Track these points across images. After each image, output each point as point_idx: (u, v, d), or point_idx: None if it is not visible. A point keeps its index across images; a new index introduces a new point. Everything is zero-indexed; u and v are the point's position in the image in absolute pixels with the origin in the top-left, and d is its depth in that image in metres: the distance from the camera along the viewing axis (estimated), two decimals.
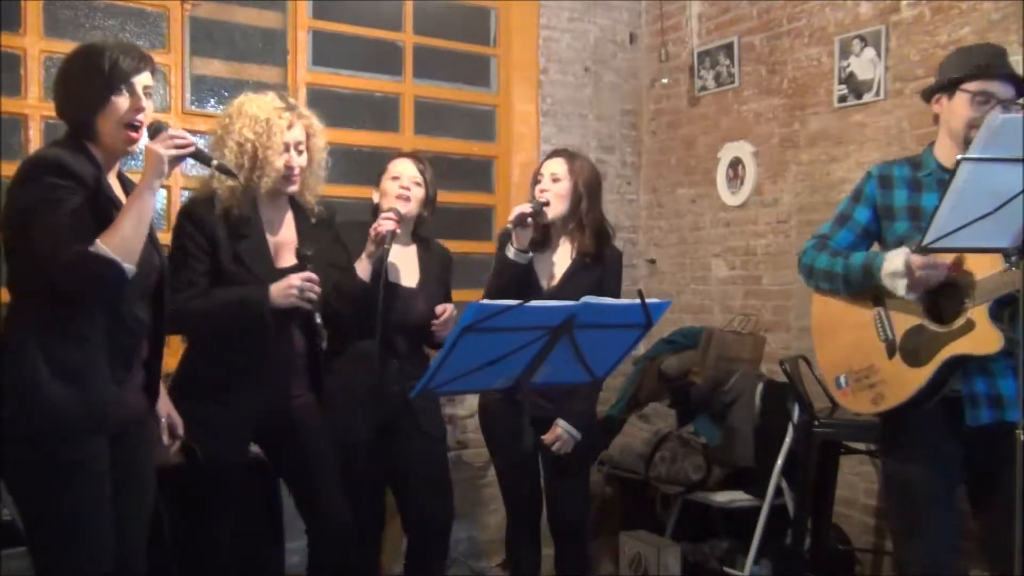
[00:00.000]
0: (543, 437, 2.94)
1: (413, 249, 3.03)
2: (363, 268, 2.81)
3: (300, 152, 2.64)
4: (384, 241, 2.77)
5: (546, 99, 4.65)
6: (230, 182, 2.50)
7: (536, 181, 3.08)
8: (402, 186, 2.93)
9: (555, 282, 3.03)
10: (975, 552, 2.75)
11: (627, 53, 4.91)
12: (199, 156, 2.29)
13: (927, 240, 2.07)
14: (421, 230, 3.08)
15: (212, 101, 3.92)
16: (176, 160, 2.15)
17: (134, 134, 2.14)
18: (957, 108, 2.39)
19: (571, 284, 2.95)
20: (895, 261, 2.32)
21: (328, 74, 4.17)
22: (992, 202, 1.98)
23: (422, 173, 2.97)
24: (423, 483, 2.98)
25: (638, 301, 2.16)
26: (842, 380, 2.52)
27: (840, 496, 3.65)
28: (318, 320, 2.55)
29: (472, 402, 4.27)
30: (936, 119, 2.48)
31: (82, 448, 2.06)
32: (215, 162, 2.37)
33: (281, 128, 2.58)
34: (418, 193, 2.95)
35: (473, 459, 4.35)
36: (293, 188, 2.66)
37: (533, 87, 4.61)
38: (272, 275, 2.58)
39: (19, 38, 3.47)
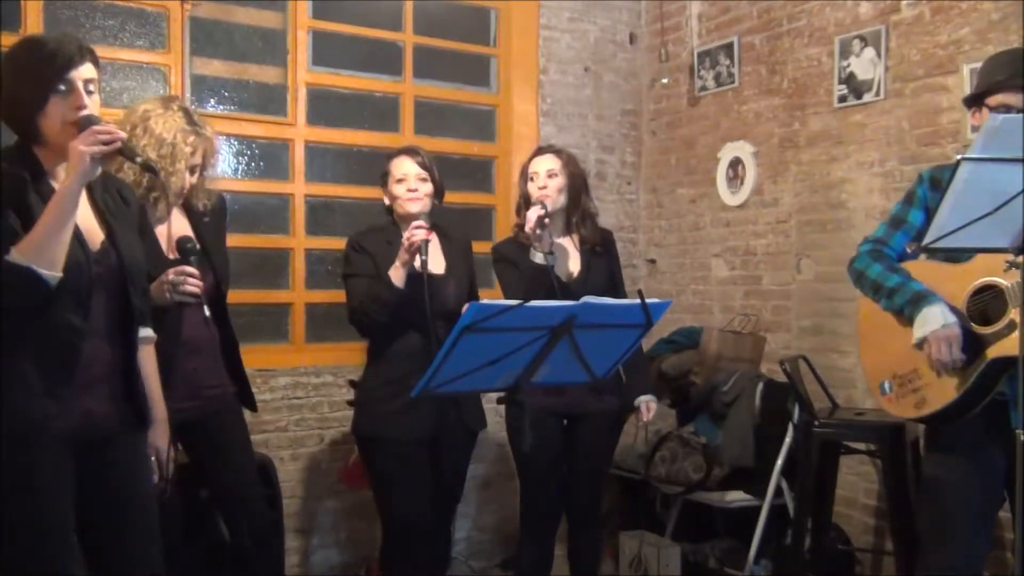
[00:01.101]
0: (640, 417, 3.15)
1: (434, 238, 3.04)
2: (398, 276, 2.82)
3: (194, 171, 2.64)
4: (420, 251, 2.79)
5: (546, 99, 4.65)
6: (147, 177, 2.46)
7: (529, 179, 3.11)
8: (410, 188, 2.95)
9: (575, 275, 3.09)
10: (990, 558, 2.72)
11: (627, 53, 4.91)
12: (125, 152, 2.10)
13: (927, 240, 2.07)
14: (438, 222, 3.10)
15: (212, 101, 3.92)
16: (103, 157, 2.01)
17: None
18: (983, 120, 2.40)
19: (591, 274, 3.10)
20: (937, 315, 2.32)
21: (328, 74, 4.17)
22: (992, 202, 1.98)
23: (423, 167, 3.00)
24: (449, 469, 3.02)
25: (638, 301, 2.16)
26: (886, 386, 2.51)
27: (840, 496, 3.64)
28: (207, 313, 2.46)
29: None
30: (975, 129, 2.49)
31: (15, 458, 1.96)
32: (140, 159, 2.20)
33: (186, 155, 2.58)
34: (427, 188, 2.98)
35: (474, 458, 4.34)
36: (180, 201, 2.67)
37: (533, 87, 4.61)
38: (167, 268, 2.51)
39: (19, 38, 3.47)
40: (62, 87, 2.00)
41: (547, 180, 3.07)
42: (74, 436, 2.04)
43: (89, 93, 2.04)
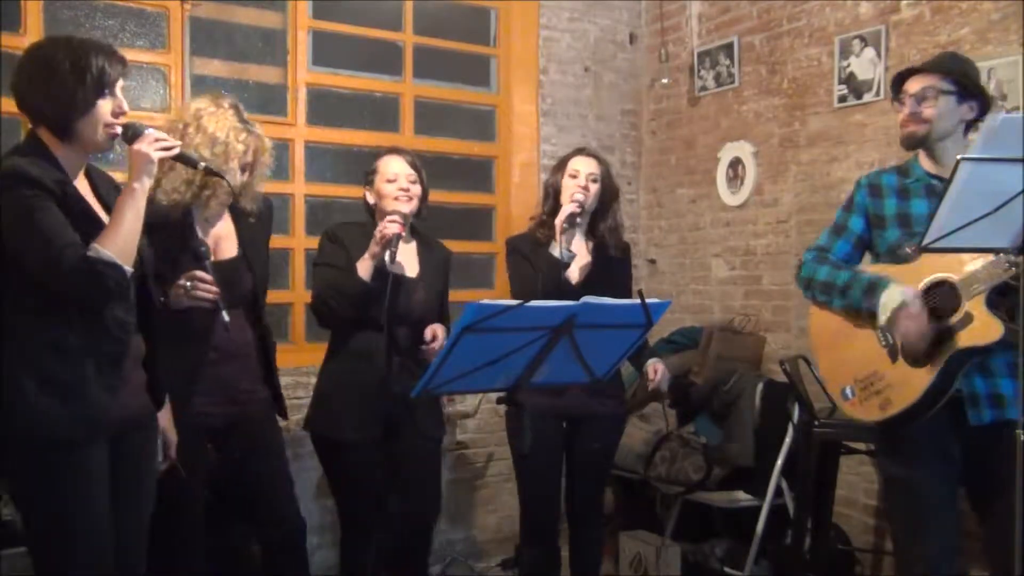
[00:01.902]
0: (650, 381, 3.06)
1: (413, 244, 3.04)
2: (365, 268, 2.81)
3: (244, 170, 2.64)
4: (391, 244, 2.78)
5: (546, 99, 4.65)
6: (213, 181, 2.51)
7: (570, 176, 3.10)
8: (401, 188, 2.94)
9: (580, 277, 3.08)
10: (975, 551, 2.75)
11: (627, 53, 4.91)
12: (183, 158, 2.28)
13: (927, 240, 2.07)
14: (421, 229, 3.10)
15: None
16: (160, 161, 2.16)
17: (115, 132, 2.12)
18: (903, 113, 2.49)
19: (598, 278, 3.06)
20: (895, 295, 2.32)
21: (328, 74, 4.17)
22: (992, 202, 1.98)
23: (415, 169, 2.99)
24: (417, 484, 3.00)
25: (638, 301, 2.16)
26: (848, 391, 2.51)
27: (840, 496, 3.64)
28: (225, 318, 2.48)
29: (472, 402, 4.28)
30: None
31: (76, 456, 2.05)
32: (203, 164, 2.36)
33: (239, 153, 2.58)
34: (416, 191, 2.97)
35: (473, 459, 4.36)
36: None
37: (533, 87, 4.61)
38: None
39: (19, 38, 3.47)
40: (107, 92, 2.09)
41: (590, 183, 3.08)
42: (115, 429, 2.13)
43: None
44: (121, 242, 2.03)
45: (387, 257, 2.78)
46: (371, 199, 3.01)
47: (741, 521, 3.83)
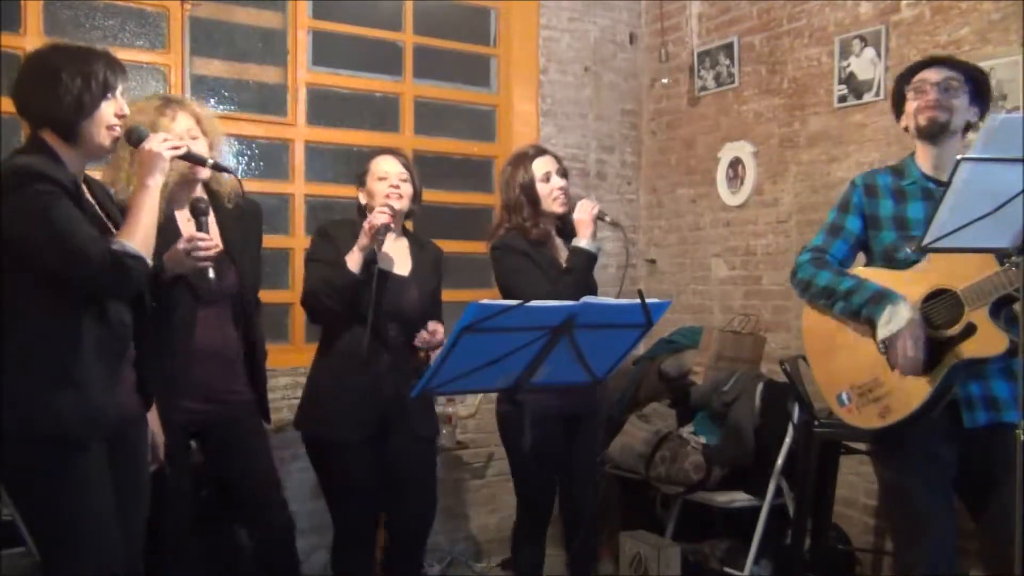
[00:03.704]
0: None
1: (404, 242, 3.05)
2: (354, 260, 2.81)
3: (195, 139, 2.63)
4: (379, 233, 2.79)
5: (546, 99, 4.65)
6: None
7: (541, 180, 3.08)
8: (392, 185, 2.95)
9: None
10: (975, 552, 2.75)
11: (627, 53, 4.91)
12: (190, 157, 2.37)
13: (927, 240, 2.07)
14: (415, 230, 3.12)
15: (212, 101, 3.92)
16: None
17: (116, 134, 2.18)
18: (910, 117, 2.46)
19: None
20: (903, 313, 2.30)
21: (328, 74, 4.17)
22: (992, 202, 1.98)
23: (407, 168, 3.01)
24: (411, 484, 3.00)
25: (638, 301, 2.16)
26: (844, 397, 2.48)
27: (840, 496, 3.64)
28: (211, 275, 2.47)
29: (472, 402, 4.28)
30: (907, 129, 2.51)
31: (82, 454, 2.06)
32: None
33: (167, 126, 2.58)
34: (408, 189, 2.98)
35: (473, 459, 4.35)
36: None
37: (533, 87, 4.61)
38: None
39: (19, 38, 3.47)
40: (109, 94, 2.14)
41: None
42: (112, 429, 2.14)
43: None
44: (142, 235, 2.10)
45: (375, 246, 2.79)
46: (363, 199, 3.02)
47: (741, 521, 3.82)
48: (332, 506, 3.01)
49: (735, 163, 4.44)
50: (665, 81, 4.80)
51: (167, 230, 2.51)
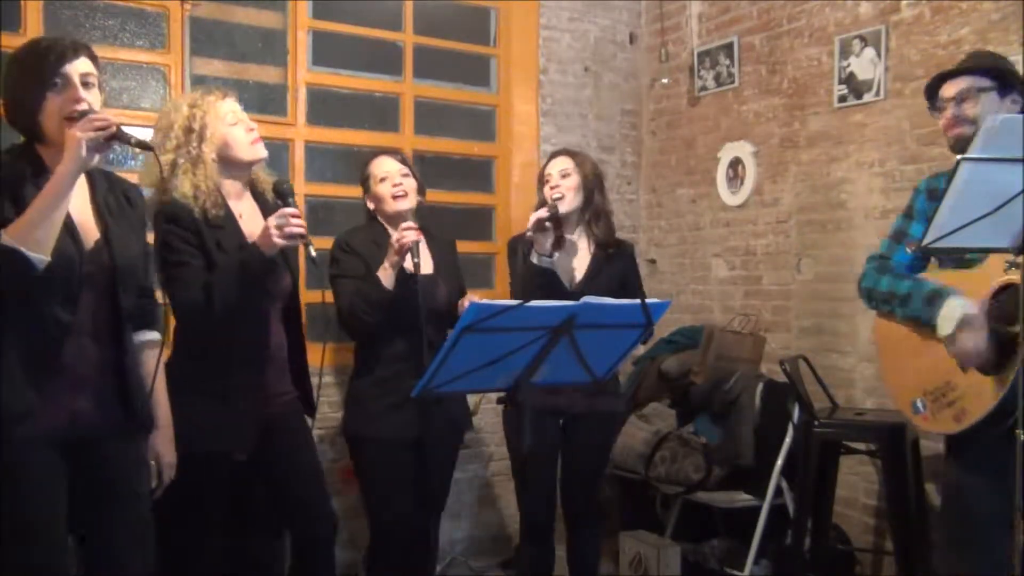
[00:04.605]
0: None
1: (422, 238, 3.03)
2: (387, 277, 2.82)
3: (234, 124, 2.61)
4: (412, 254, 2.78)
5: (546, 99, 4.65)
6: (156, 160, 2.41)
7: (544, 182, 3.12)
8: (395, 184, 2.96)
9: (578, 279, 3.08)
10: None
11: (627, 53, 4.91)
12: (120, 137, 2.05)
13: (927, 240, 2.06)
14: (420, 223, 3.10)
15: None
16: (100, 145, 2.00)
17: (97, 125, 1.99)
18: (947, 119, 2.43)
19: (596, 279, 3.04)
20: (956, 308, 2.25)
21: (328, 74, 4.17)
22: (992, 202, 1.98)
23: (405, 163, 3.02)
24: (440, 483, 3.06)
25: (638, 301, 2.16)
26: (919, 404, 2.41)
27: (840, 496, 3.64)
28: (312, 252, 2.43)
29: (472, 402, 4.27)
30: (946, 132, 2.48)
31: (5, 454, 1.97)
32: (134, 139, 2.14)
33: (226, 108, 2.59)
34: (411, 184, 3.00)
35: (474, 459, 4.35)
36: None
37: (533, 87, 4.61)
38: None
39: (19, 38, 3.46)
40: (57, 81, 2.03)
41: (560, 180, 3.07)
42: (61, 435, 2.04)
43: (87, 87, 2.07)
44: (26, 227, 1.92)
45: (412, 265, 2.79)
46: (371, 204, 3.04)
47: (741, 521, 3.83)
48: (371, 505, 3.01)
49: (735, 163, 4.44)
50: (665, 81, 4.80)
51: (228, 225, 2.52)
